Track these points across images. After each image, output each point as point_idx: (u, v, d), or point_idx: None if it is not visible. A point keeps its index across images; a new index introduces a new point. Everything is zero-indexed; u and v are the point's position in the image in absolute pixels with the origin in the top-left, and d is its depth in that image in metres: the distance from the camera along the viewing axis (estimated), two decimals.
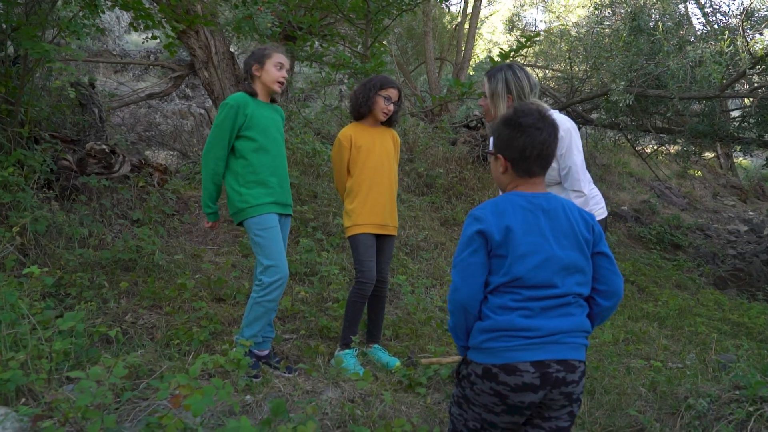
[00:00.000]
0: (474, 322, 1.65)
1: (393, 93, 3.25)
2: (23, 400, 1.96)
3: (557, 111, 2.81)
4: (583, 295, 1.68)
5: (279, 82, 3.00)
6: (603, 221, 2.93)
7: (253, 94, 2.99)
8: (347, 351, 3.14)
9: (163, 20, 5.41)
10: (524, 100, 2.76)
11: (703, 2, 8.13)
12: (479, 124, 9.40)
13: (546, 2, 16.99)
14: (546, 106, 2.78)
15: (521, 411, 1.61)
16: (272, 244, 2.88)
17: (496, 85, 2.77)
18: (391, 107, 3.26)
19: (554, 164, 2.77)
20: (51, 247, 3.86)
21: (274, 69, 2.97)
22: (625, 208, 10.17)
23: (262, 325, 2.90)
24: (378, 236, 3.25)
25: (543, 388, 1.57)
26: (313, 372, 2.76)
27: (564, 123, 2.73)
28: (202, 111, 12.34)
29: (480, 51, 17.43)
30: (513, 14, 17.58)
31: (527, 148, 1.68)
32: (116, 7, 4.70)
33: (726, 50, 5.63)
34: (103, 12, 4.32)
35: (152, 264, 4.08)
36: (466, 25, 12.72)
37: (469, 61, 12.31)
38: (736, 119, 8.44)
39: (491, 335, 1.60)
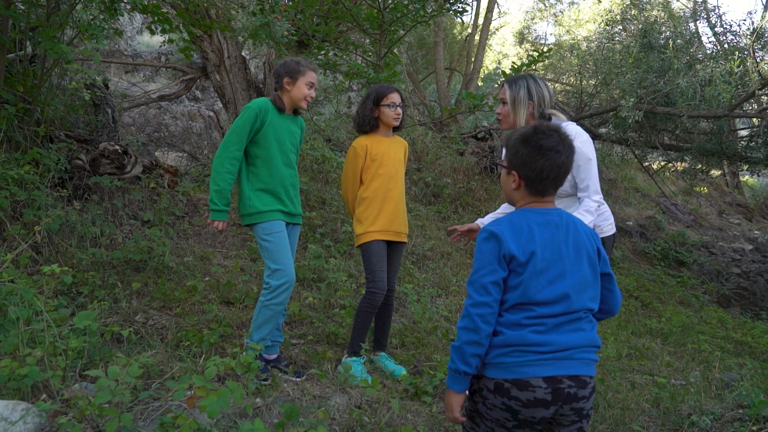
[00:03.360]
0: (487, 343, 1.65)
1: (394, 97, 3.28)
2: (43, 396, 2.00)
3: (573, 122, 2.84)
4: (594, 310, 1.70)
5: (306, 100, 3.05)
6: (611, 237, 2.96)
7: (277, 103, 3.03)
8: (355, 358, 3.17)
9: (180, 25, 5.47)
10: (543, 109, 2.79)
11: (713, 21, 8.18)
12: (487, 135, 9.45)
13: (556, 16, 17.08)
14: (564, 126, 2.82)
15: (533, 426, 1.62)
16: (279, 249, 2.92)
17: (518, 91, 2.78)
18: (399, 110, 3.30)
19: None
20: (64, 245, 3.91)
21: (305, 87, 3.01)
22: (631, 223, 10.18)
23: (271, 328, 2.94)
24: (389, 244, 3.28)
25: (555, 404, 1.58)
26: (323, 377, 2.79)
27: (582, 134, 2.77)
28: (211, 113, 12.43)
29: (489, 62, 17.51)
30: (523, 27, 17.69)
31: (545, 170, 1.69)
32: (135, 11, 4.76)
33: (736, 70, 5.67)
34: (122, 15, 4.39)
35: (162, 265, 4.12)
36: (477, 37, 12.81)
37: (479, 72, 12.39)
38: (744, 138, 8.47)
39: (503, 350, 1.61)
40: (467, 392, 1.74)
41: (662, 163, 10.88)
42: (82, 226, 4.09)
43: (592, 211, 2.74)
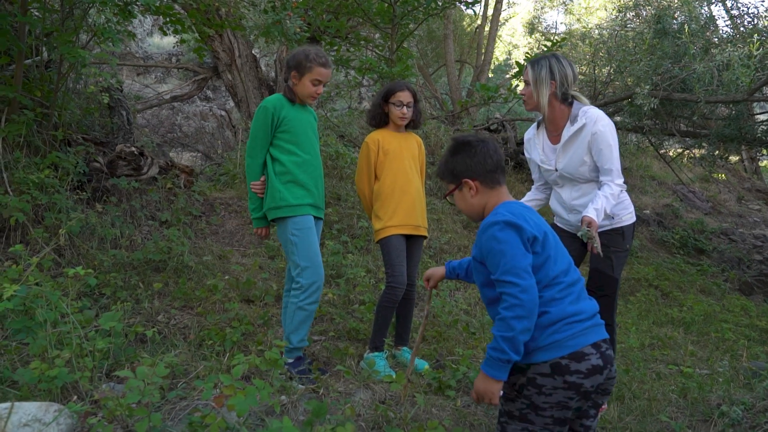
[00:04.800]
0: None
1: (403, 96, 3.25)
2: (74, 397, 2.02)
3: (594, 107, 2.80)
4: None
5: (312, 97, 2.97)
6: (630, 226, 2.92)
7: (288, 95, 2.98)
8: (377, 353, 3.17)
9: (192, 25, 5.49)
10: (566, 87, 2.77)
11: (729, 4, 8.04)
12: (500, 127, 9.39)
13: (566, 4, 16.90)
14: (586, 109, 2.78)
15: (590, 398, 1.71)
16: (309, 245, 2.87)
17: (539, 71, 2.76)
18: (405, 110, 3.26)
19: (586, 159, 2.77)
20: (85, 247, 3.94)
21: (310, 84, 2.92)
22: (648, 211, 10.07)
23: (308, 328, 2.92)
24: (408, 238, 3.27)
25: (606, 367, 1.66)
26: (349, 373, 2.79)
27: (603, 117, 2.74)
28: (223, 113, 12.47)
29: (500, 54, 17.39)
30: (533, 17, 17.53)
31: (486, 159, 1.84)
32: (147, 13, 4.77)
33: (755, 53, 5.57)
34: (135, 17, 4.40)
35: (182, 265, 4.15)
36: (487, 28, 12.71)
37: (490, 63, 12.29)
38: (764, 123, 8.32)
39: (553, 328, 1.66)
40: (504, 395, 1.76)
41: (679, 151, 10.73)
42: (102, 228, 4.12)
43: (616, 194, 2.70)
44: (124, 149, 5.00)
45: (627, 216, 2.90)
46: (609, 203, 2.64)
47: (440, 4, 6.08)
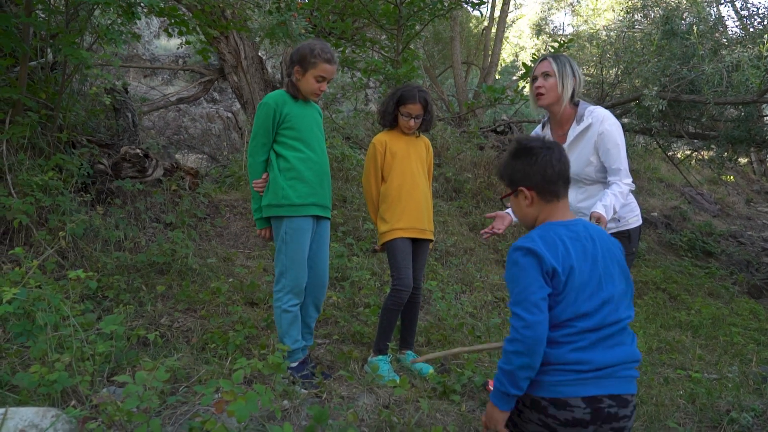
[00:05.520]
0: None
1: (413, 108, 3.20)
2: (72, 402, 2.00)
3: (600, 107, 2.78)
4: (631, 318, 1.64)
5: (316, 93, 2.90)
6: (637, 229, 2.88)
7: (290, 91, 2.90)
8: (381, 357, 3.14)
9: (197, 26, 5.48)
10: (578, 90, 2.79)
11: (738, 5, 7.97)
12: (507, 129, 9.35)
13: (573, 6, 16.84)
14: (592, 109, 2.76)
15: None
16: (298, 249, 2.82)
17: (564, 65, 2.76)
18: (412, 123, 3.23)
19: (592, 160, 2.74)
20: (88, 250, 3.93)
21: (314, 81, 2.83)
22: (656, 214, 9.99)
23: (298, 329, 2.89)
24: (414, 242, 3.24)
25: (594, 424, 1.53)
26: (351, 378, 2.76)
27: (610, 117, 2.72)
28: (230, 114, 12.47)
29: (507, 55, 17.34)
30: (540, 18, 17.46)
31: (548, 170, 1.69)
32: (152, 14, 4.77)
33: (765, 54, 5.50)
34: (140, 18, 4.40)
35: (186, 267, 4.13)
36: (493, 30, 12.67)
37: (497, 65, 12.27)
38: None
39: (543, 369, 1.56)
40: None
41: (687, 153, 10.65)
42: (106, 230, 4.11)
43: (625, 193, 2.67)
44: (128, 151, 4.99)
45: (633, 219, 2.87)
46: (618, 201, 2.60)
47: (446, 5, 6.05)
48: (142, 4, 4.14)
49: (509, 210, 2.81)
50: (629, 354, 1.60)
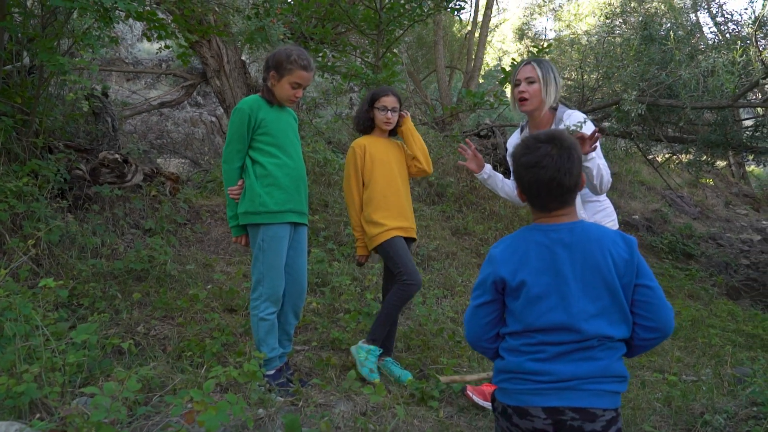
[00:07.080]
0: (491, 356, 1.67)
1: (388, 101, 3.25)
2: (38, 414, 1.97)
3: (577, 111, 2.81)
4: (614, 337, 1.53)
5: (291, 100, 2.87)
6: None
7: (266, 96, 2.87)
8: (373, 348, 3.12)
9: (177, 31, 5.45)
10: (557, 96, 2.82)
11: (714, 11, 8.10)
12: (490, 133, 9.38)
13: (556, 11, 16.99)
14: (570, 113, 2.78)
15: None
16: (276, 256, 2.81)
17: (548, 70, 2.79)
18: (390, 115, 3.26)
19: None
20: (64, 257, 3.88)
21: (289, 87, 2.81)
22: (637, 217, 10.10)
23: (275, 337, 2.87)
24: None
25: None
26: (326, 386, 2.75)
27: (586, 118, 2.75)
28: (213, 119, 12.40)
29: (490, 59, 17.44)
30: (523, 23, 17.60)
31: (533, 186, 1.59)
32: (130, 18, 4.72)
33: (739, 60, 5.59)
34: (117, 23, 4.35)
35: (164, 274, 4.09)
36: (477, 34, 12.75)
37: (480, 69, 12.33)
38: (749, 128, 8.37)
39: (505, 376, 1.59)
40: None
41: (667, 156, 10.79)
42: (82, 236, 4.06)
43: (607, 168, 2.65)
44: (107, 156, 4.94)
45: (610, 223, 2.89)
46: (604, 164, 2.60)
47: (425, 10, 6.07)
48: (119, 9, 4.10)
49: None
50: (602, 368, 1.52)
